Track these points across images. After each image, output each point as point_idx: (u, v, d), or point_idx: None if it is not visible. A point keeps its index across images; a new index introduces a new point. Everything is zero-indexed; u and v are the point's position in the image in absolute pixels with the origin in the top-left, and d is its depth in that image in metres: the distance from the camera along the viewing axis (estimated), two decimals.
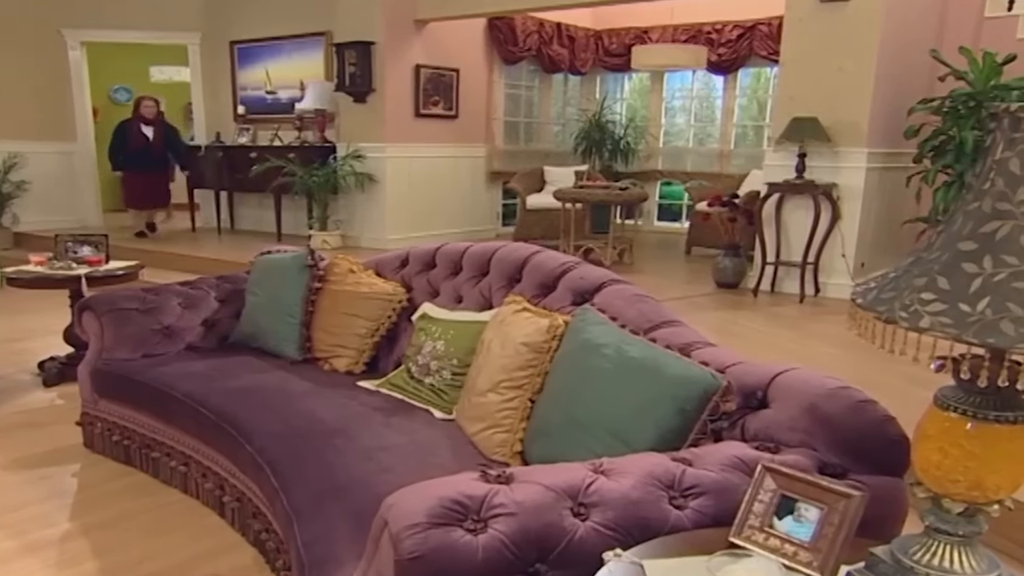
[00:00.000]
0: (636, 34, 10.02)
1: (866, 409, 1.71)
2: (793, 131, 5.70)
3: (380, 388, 2.93)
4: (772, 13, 8.92)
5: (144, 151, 8.82)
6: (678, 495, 1.56)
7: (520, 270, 2.88)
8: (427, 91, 8.33)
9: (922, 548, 1.24)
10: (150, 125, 8.88)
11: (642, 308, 2.42)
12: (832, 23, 5.87)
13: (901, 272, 1.18)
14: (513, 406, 2.30)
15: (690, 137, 10.40)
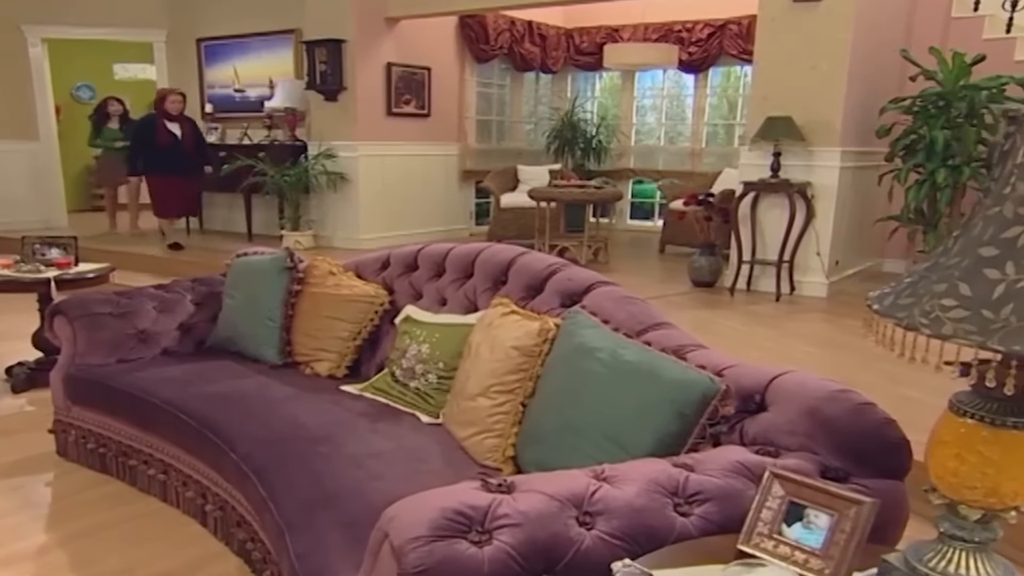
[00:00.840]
0: (607, 33, 10.03)
1: (867, 412, 1.70)
2: (768, 130, 5.73)
3: (364, 392, 2.88)
4: (742, 12, 8.98)
5: (173, 151, 7.77)
6: (683, 502, 1.54)
7: (506, 272, 2.85)
8: (399, 90, 8.27)
9: (937, 555, 1.23)
10: (175, 121, 7.85)
11: (632, 310, 2.40)
12: (805, 23, 5.90)
13: (918, 278, 1.17)
14: (504, 411, 2.27)
15: (661, 136, 10.43)
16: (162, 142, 7.70)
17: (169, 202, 8.00)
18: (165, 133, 7.73)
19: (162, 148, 7.69)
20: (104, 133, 9.06)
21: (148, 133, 7.76)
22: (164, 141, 7.71)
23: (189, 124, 8.00)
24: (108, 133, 9.08)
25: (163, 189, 7.90)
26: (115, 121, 8.97)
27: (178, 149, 7.78)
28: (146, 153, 7.78)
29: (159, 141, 7.69)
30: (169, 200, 7.98)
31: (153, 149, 7.70)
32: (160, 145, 7.69)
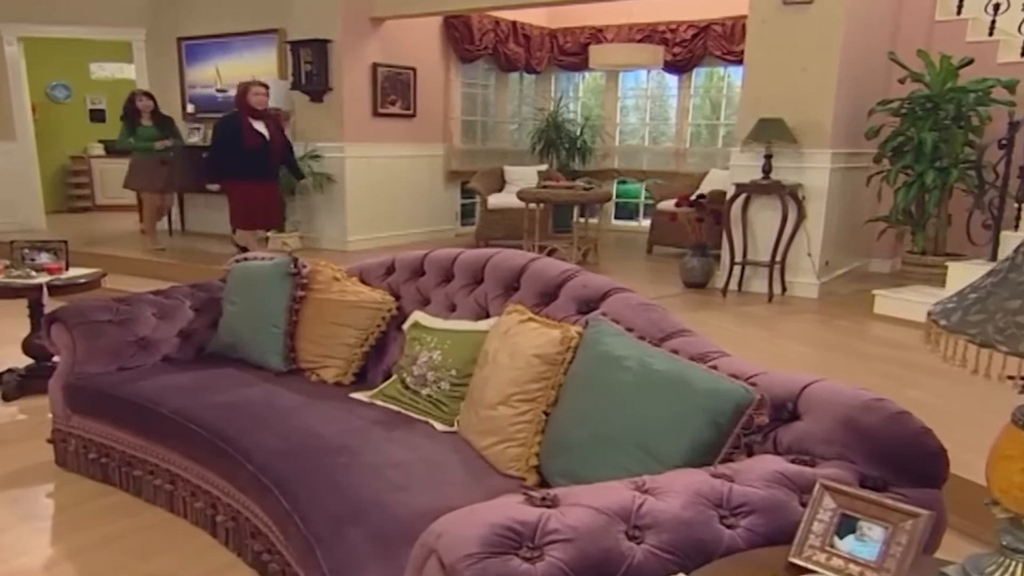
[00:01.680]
0: (591, 33, 10.03)
1: (903, 421, 1.71)
2: (760, 132, 5.75)
3: (374, 400, 2.85)
4: (726, 13, 9.03)
5: (262, 154, 6.71)
6: (728, 514, 1.54)
7: (518, 278, 2.83)
8: (385, 90, 8.21)
9: (998, 568, 1.23)
10: (259, 119, 6.75)
11: (651, 317, 2.40)
12: (795, 25, 5.93)
13: (985, 294, 1.17)
14: (527, 419, 2.26)
15: (645, 136, 10.45)
16: (249, 144, 6.61)
17: (256, 212, 6.90)
18: (252, 134, 6.64)
19: (249, 151, 6.62)
20: (140, 133, 8.02)
21: (234, 136, 6.60)
22: (252, 143, 6.62)
23: (274, 121, 6.98)
24: (144, 132, 8.02)
25: (250, 197, 6.80)
26: (147, 118, 8.06)
27: (267, 151, 6.75)
28: (231, 158, 6.66)
29: (246, 144, 6.60)
30: (256, 209, 6.88)
31: (239, 153, 6.62)
32: (247, 148, 6.61)
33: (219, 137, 6.82)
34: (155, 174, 8.12)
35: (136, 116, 8.07)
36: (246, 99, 6.73)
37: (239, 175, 6.72)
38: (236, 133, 6.63)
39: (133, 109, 8.06)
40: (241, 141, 6.62)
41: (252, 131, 6.65)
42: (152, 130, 8.06)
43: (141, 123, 8.06)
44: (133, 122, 8.07)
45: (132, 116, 8.06)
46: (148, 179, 8.16)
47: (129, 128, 8.07)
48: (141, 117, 8.06)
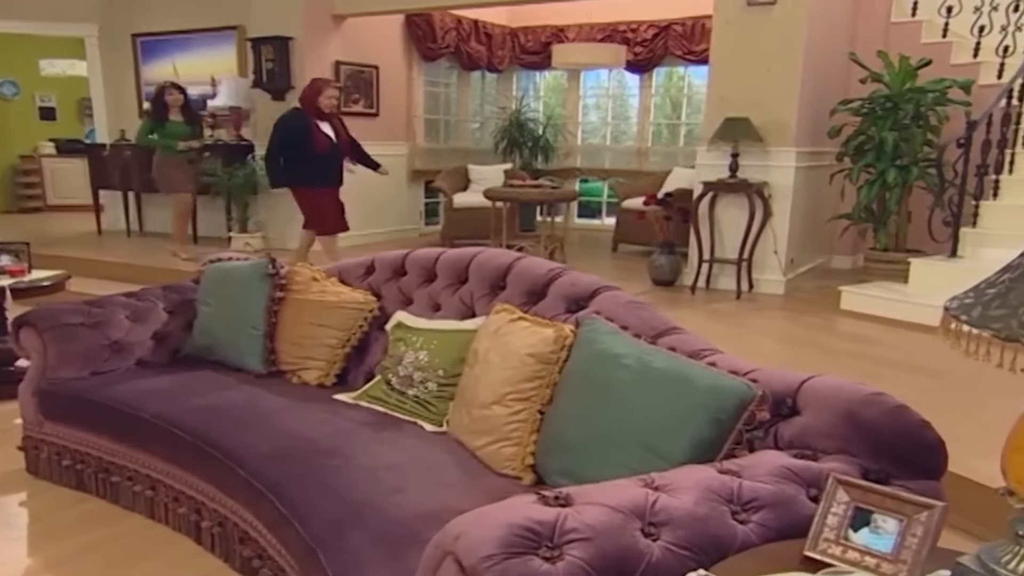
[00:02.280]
0: (553, 32, 10.06)
1: (903, 414, 1.74)
2: (726, 131, 5.82)
3: (359, 401, 2.83)
4: (687, 13, 9.13)
5: (330, 158, 6.16)
6: (740, 509, 1.55)
7: (504, 277, 2.83)
8: (347, 88, 8.14)
9: (1014, 557, 1.26)
10: (325, 120, 6.14)
11: (642, 315, 2.41)
12: (759, 26, 6.01)
13: (1004, 289, 1.19)
14: (521, 419, 2.25)
15: (607, 135, 10.51)
16: (319, 147, 6.03)
17: (328, 217, 6.28)
18: (321, 138, 6.05)
19: (319, 155, 6.05)
20: (169, 129, 7.31)
21: (302, 139, 5.98)
22: (321, 146, 6.04)
23: (340, 123, 6.39)
24: (173, 128, 7.32)
25: (321, 203, 6.23)
26: (176, 112, 7.35)
27: (335, 155, 6.24)
28: (298, 163, 6.02)
29: (316, 147, 6.00)
30: (328, 215, 6.27)
31: (307, 157, 6.01)
32: (317, 152, 6.03)
33: (283, 139, 6.03)
34: (186, 173, 7.51)
35: (164, 111, 7.35)
36: (316, 102, 6.06)
37: (307, 182, 6.14)
38: (303, 136, 5.99)
39: (161, 103, 7.35)
40: (310, 145, 6.00)
41: (320, 134, 6.05)
42: (183, 127, 7.41)
43: (169, 118, 7.37)
44: (161, 117, 7.35)
45: (160, 110, 7.36)
46: (179, 179, 7.47)
47: (156, 123, 7.32)
48: (169, 112, 7.36)
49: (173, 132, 7.31)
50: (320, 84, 6.18)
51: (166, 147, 7.30)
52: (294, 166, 6.08)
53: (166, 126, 7.31)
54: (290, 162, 6.08)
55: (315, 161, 6.06)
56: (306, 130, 5.99)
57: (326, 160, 6.14)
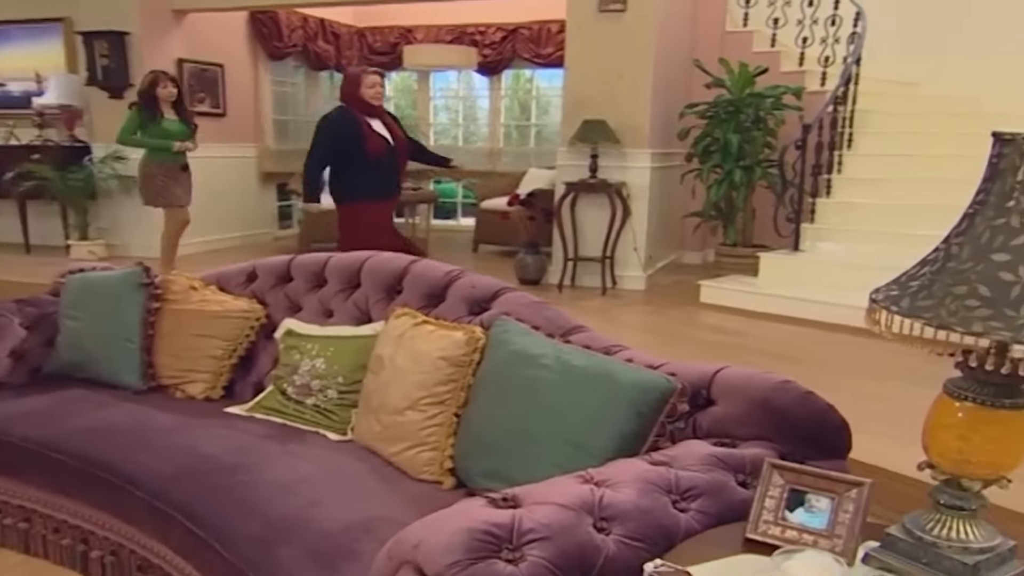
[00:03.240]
0: (401, 33, 10.00)
1: (812, 400, 1.87)
2: (585, 133, 5.99)
3: (254, 413, 2.72)
4: (534, 17, 9.31)
5: (387, 164, 5.03)
6: (679, 498, 1.62)
7: (400, 281, 2.80)
8: (192, 87, 7.78)
9: (937, 524, 1.38)
10: (376, 117, 5.03)
11: (548, 315, 2.46)
12: (611, 31, 6.22)
13: (928, 281, 1.30)
14: (437, 423, 2.24)
15: (459, 136, 10.56)
16: (372, 151, 4.88)
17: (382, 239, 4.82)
18: (375, 139, 4.90)
19: (373, 161, 4.89)
20: (162, 126, 6.08)
21: (354, 143, 4.85)
22: (375, 149, 4.90)
23: (393, 119, 5.26)
24: (168, 127, 6.11)
25: (373, 222, 5.02)
26: (168, 109, 6.20)
27: (393, 160, 5.08)
28: (349, 173, 4.94)
29: (368, 151, 4.86)
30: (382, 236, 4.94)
31: (361, 164, 4.87)
32: (371, 157, 4.88)
33: (332, 144, 4.92)
34: (182, 183, 6.31)
35: (156, 105, 6.14)
36: (358, 92, 4.93)
37: (359, 195, 4.95)
38: (353, 139, 4.86)
39: (152, 97, 6.11)
40: (362, 150, 4.86)
41: (374, 135, 4.92)
42: (178, 124, 6.22)
43: (163, 115, 6.18)
44: (152, 113, 6.12)
45: (151, 105, 6.13)
46: (173, 191, 6.24)
47: (145, 119, 6.10)
48: (160, 106, 6.17)
49: (167, 132, 6.16)
50: (357, 74, 5.05)
51: (158, 150, 6.16)
52: (343, 177, 4.97)
53: (158, 124, 6.14)
54: (338, 172, 4.99)
55: (368, 169, 4.89)
56: (356, 132, 4.86)
57: (382, 167, 4.97)
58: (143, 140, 6.12)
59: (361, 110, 4.94)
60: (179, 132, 6.19)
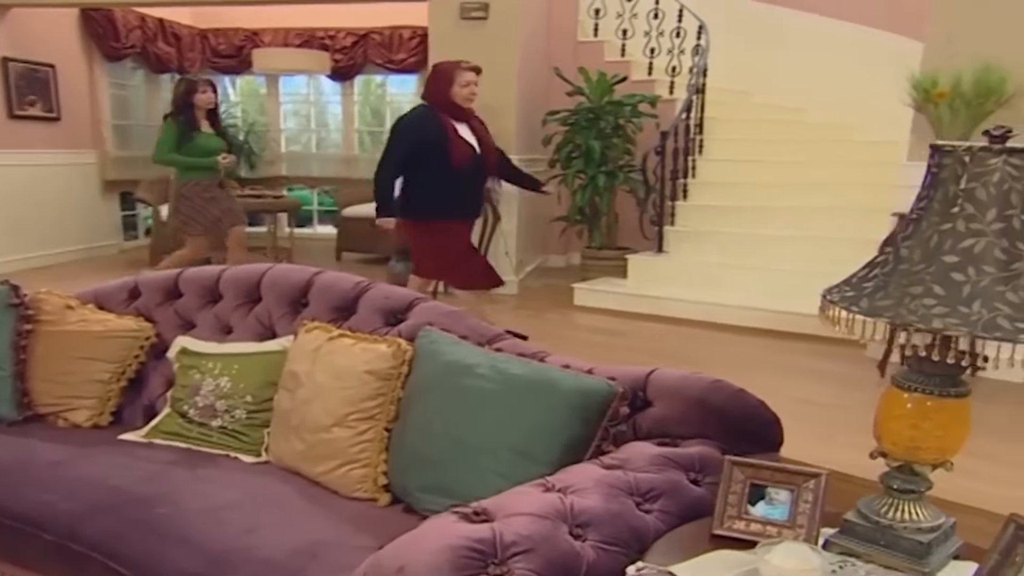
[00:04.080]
0: (246, 35, 9.64)
1: (745, 397, 1.96)
2: None
3: (152, 439, 2.55)
4: (385, 23, 9.23)
5: (472, 175, 4.42)
6: (642, 500, 1.65)
7: (304, 293, 2.71)
8: (20, 89, 7.20)
9: (890, 508, 1.48)
10: (462, 122, 4.38)
11: (469, 324, 2.44)
12: (475, 39, 6.26)
13: (882, 283, 1.40)
14: (368, 438, 2.19)
15: (312, 142, 10.30)
16: (457, 160, 4.24)
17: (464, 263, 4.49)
18: (461, 146, 4.28)
19: (454, 172, 4.24)
20: (199, 143, 5.39)
21: (438, 149, 4.22)
22: (460, 158, 4.26)
23: (482, 125, 4.53)
24: (206, 142, 5.43)
25: (451, 243, 4.43)
26: (204, 120, 5.49)
27: (479, 171, 4.45)
28: (429, 183, 4.27)
29: (452, 160, 4.23)
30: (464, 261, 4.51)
31: (443, 175, 4.23)
32: (452, 166, 4.23)
33: (407, 149, 4.26)
34: (220, 202, 5.59)
35: (193, 115, 5.38)
36: (450, 90, 4.29)
37: (438, 212, 4.32)
38: (436, 144, 4.21)
39: (188, 105, 5.36)
40: (445, 158, 4.22)
41: (460, 142, 4.28)
42: (215, 139, 5.55)
43: (200, 128, 5.45)
44: (191, 125, 5.38)
45: (189, 116, 5.37)
46: (210, 213, 5.53)
47: (184, 134, 5.34)
48: (196, 115, 5.41)
49: (205, 147, 5.44)
50: (449, 69, 4.35)
51: (197, 168, 5.41)
52: (419, 188, 4.28)
53: (195, 138, 5.41)
54: (415, 183, 4.30)
55: (450, 180, 4.23)
56: (442, 136, 4.22)
57: (465, 179, 4.31)
58: (185, 159, 5.42)
59: (448, 112, 4.31)
60: (218, 148, 5.54)
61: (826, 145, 6.50)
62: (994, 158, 1.33)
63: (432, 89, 4.41)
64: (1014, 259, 1.32)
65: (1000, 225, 1.33)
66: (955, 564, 1.47)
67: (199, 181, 5.52)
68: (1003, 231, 1.33)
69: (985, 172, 1.34)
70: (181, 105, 5.43)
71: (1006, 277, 1.31)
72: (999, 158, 1.33)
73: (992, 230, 1.33)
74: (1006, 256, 1.32)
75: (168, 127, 5.46)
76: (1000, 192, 1.33)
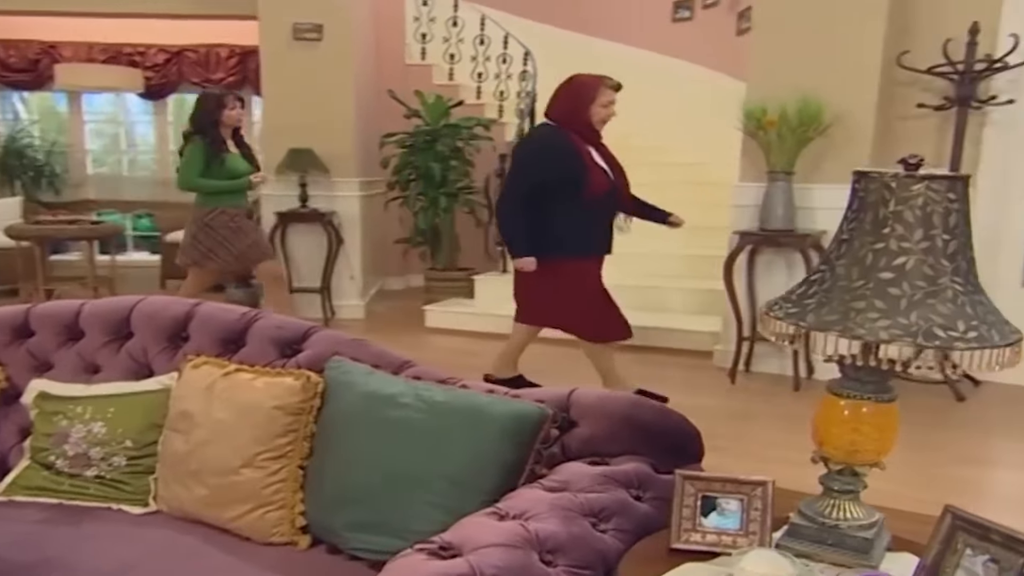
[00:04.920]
0: (42, 48, 8.91)
1: (668, 412, 2.02)
2: (292, 161, 5.84)
3: (12, 496, 2.30)
4: (200, 40, 8.84)
5: (608, 208, 3.90)
6: (597, 521, 1.67)
7: (184, 326, 2.54)
8: None
9: (830, 507, 1.58)
10: (595, 146, 3.86)
11: (373, 351, 2.38)
12: (309, 60, 6.14)
13: (824, 299, 1.50)
14: (281, 478, 2.07)
15: (123, 164, 9.63)
16: (593, 191, 3.75)
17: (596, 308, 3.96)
18: (598, 174, 3.78)
19: (588, 203, 3.76)
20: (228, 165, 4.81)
21: (571, 177, 3.72)
22: (597, 188, 3.76)
23: (608, 151, 3.99)
24: (234, 165, 4.85)
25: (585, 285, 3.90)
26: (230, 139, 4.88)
27: (612, 205, 3.92)
28: (557, 214, 3.74)
29: (589, 190, 3.73)
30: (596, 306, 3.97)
31: (573, 205, 3.73)
32: (586, 197, 3.74)
33: (539, 176, 3.75)
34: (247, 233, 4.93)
35: (220, 137, 4.77)
36: (588, 110, 3.78)
37: (567, 249, 3.81)
38: (571, 172, 3.73)
39: (213, 123, 4.75)
40: (580, 187, 3.72)
41: (596, 168, 3.79)
42: (243, 162, 4.91)
43: (226, 148, 4.81)
44: (219, 147, 4.76)
45: (216, 137, 4.76)
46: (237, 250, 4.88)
47: (213, 156, 4.74)
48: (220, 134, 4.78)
49: (234, 170, 4.81)
50: (592, 84, 3.78)
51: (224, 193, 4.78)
52: (550, 222, 3.75)
53: (224, 161, 4.77)
54: (543, 215, 3.74)
55: (582, 213, 3.76)
56: (579, 163, 3.73)
57: (600, 211, 3.84)
58: (217, 184, 4.78)
59: (581, 134, 3.79)
60: (248, 171, 4.93)
61: (651, 167, 6.89)
62: (917, 184, 1.47)
63: (566, 106, 3.83)
64: (939, 274, 1.46)
65: (926, 244, 1.46)
66: (890, 556, 1.60)
67: (226, 209, 4.89)
68: (928, 249, 1.46)
69: (910, 196, 1.47)
70: (207, 123, 4.85)
71: (935, 291, 1.45)
72: (921, 184, 1.47)
73: (919, 248, 1.46)
74: (933, 272, 1.45)
75: (194, 149, 4.84)
76: (924, 214, 1.46)
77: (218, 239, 4.84)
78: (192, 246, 4.89)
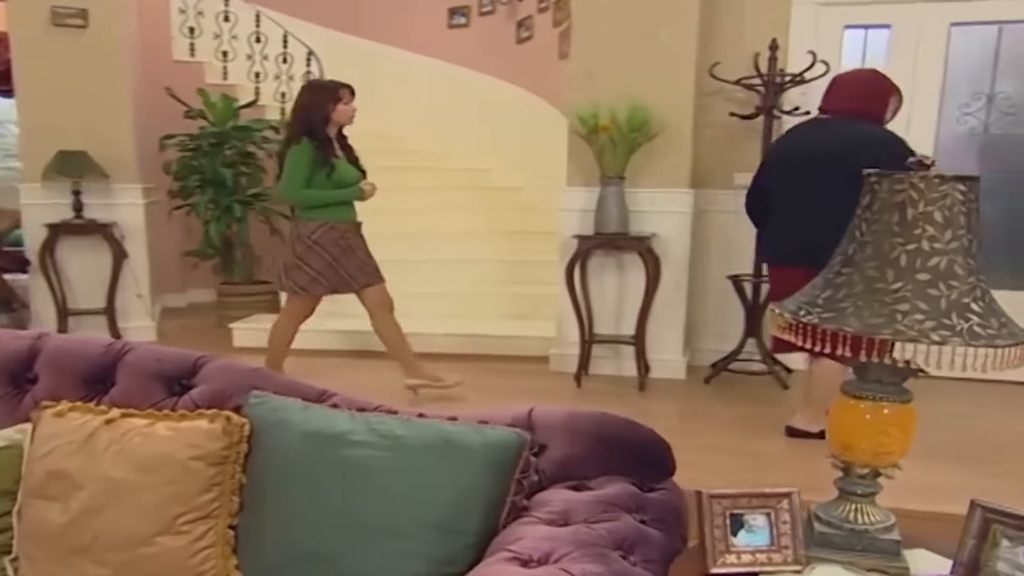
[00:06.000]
0: None
1: (637, 427, 1.92)
2: (63, 166, 5.09)
3: None
4: None
5: None
6: (625, 554, 1.53)
7: (29, 366, 2.07)
8: None
9: (855, 512, 1.57)
10: None
11: (282, 381, 2.08)
12: (73, 49, 5.41)
13: (863, 301, 1.47)
14: (210, 542, 1.73)
15: None
16: None
17: None
18: None
19: None
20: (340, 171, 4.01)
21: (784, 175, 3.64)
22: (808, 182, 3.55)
23: None
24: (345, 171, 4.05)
25: None
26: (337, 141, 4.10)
27: None
28: None
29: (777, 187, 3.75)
30: None
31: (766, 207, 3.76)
32: None
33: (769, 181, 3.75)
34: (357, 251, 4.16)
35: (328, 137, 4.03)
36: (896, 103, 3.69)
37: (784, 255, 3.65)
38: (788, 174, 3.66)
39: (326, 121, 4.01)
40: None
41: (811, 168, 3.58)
42: (350, 167, 4.14)
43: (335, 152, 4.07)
44: (327, 150, 4.01)
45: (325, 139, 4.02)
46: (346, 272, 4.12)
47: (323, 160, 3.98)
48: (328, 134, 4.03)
49: (345, 178, 4.09)
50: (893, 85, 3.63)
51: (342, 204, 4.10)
52: None
53: (332, 167, 4.02)
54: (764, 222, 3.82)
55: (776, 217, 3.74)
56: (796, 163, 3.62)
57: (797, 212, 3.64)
58: (327, 195, 4.03)
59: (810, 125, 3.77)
60: (357, 178, 4.17)
61: (429, 173, 6.83)
62: (944, 184, 1.48)
63: (883, 107, 3.60)
64: (969, 273, 1.48)
65: (955, 244, 1.47)
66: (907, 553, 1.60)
67: (335, 224, 4.10)
68: (957, 249, 1.48)
69: (938, 197, 1.48)
70: (316, 121, 4.04)
71: (967, 289, 1.46)
72: (948, 184, 1.48)
73: (950, 248, 1.47)
74: (963, 271, 1.47)
75: (300, 152, 4.00)
76: (952, 215, 1.48)
77: (329, 260, 4.10)
78: (298, 268, 4.10)
